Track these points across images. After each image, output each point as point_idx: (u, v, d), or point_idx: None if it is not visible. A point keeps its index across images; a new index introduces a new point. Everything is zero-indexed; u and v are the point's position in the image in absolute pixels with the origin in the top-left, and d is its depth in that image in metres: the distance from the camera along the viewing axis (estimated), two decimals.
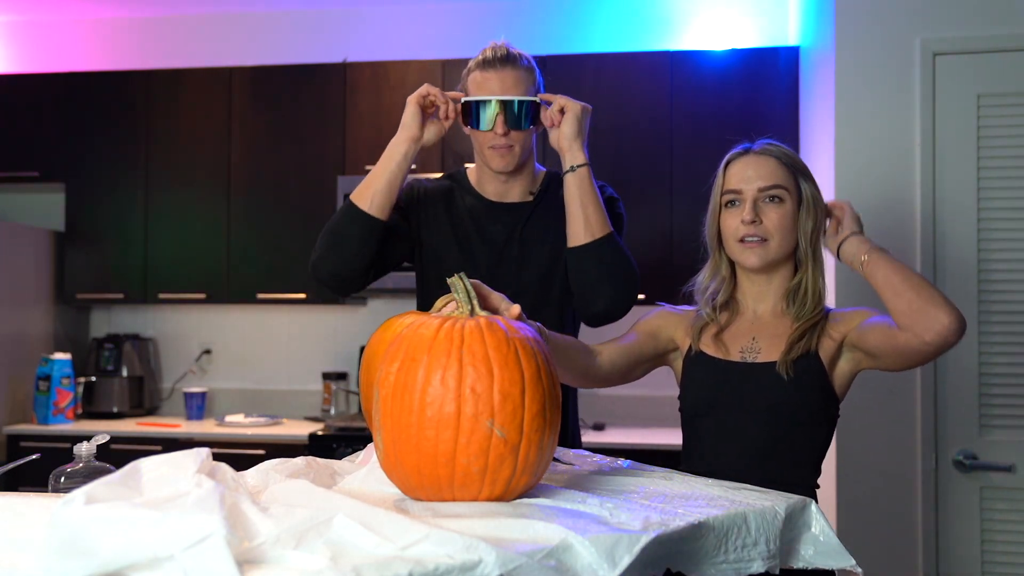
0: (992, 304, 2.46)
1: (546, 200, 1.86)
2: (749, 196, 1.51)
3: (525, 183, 1.86)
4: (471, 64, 1.80)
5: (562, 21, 3.98)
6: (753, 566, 1.09)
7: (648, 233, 3.54)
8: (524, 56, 1.79)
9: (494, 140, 1.75)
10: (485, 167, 1.83)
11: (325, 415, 3.90)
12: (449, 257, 1.83)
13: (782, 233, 1.51)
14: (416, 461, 1.01)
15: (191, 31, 4.23)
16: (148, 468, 0.93)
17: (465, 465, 1.00)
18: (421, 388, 1.00)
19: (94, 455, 1.31)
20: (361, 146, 3.76)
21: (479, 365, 1.00)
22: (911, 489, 2.49)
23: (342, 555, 0.80)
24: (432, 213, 1.86)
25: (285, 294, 3.79)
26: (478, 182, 1.88)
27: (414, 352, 1.02)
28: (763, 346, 1.53)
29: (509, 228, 1.83)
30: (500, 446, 1.00)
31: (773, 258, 1.52)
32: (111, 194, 3.92)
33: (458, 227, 1.84)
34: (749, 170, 1.52)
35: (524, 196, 1.86)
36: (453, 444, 0.99)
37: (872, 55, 2.56)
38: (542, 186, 1.88)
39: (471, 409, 0.99)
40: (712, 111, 3.52)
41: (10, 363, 3.73)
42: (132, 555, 0.75)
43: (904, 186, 2.53)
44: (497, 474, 1.01)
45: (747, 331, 1.56)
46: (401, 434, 1.01)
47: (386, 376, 1.04)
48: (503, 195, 1.86)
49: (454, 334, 1.03)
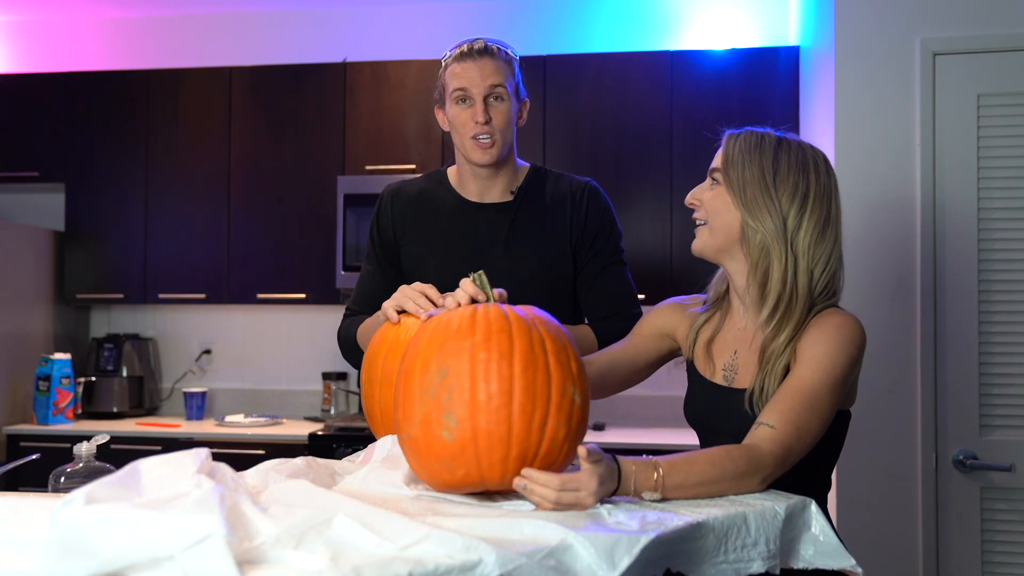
0: (992, 304, 2.46)
1: (528, 198, 1.83)
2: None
3: (506, 179, 1.82)
4: (448, 58, 1.77)
5: (562, 21, 3.98)
6: (753, 566, 1.09)
7: (648, 233, 3.54)
8: (502, 48, 1.76)
9: (475, 130, 1.72)
10: (466, 164, 1.80)
11: (325, 415, 3.90)
12: (431, 260, 1.80)
13: (712, 213, 1.43)
14: (506, 432, 1.05)
15: (191, 31, 4.23)
16: (148, 468, 0.93)
17: (553, 431, 1.07)
18: (521, 359, 1.07)
19: (94, 455, 1.31)
20: (361, 146, 3.76)
21: (553, 340, 1.11)
22: (911, 489, 2.49)
23: (342, 555, 0.80)
24: (411, 219, 1.84)
25: (285, 294, 3.79)
26: (459, 182, 1.85)
27: (493, 334, 1.08)
28: (741, 363, 1.45)
29: (491, 230, 1.80)
30: (578, 412, 1.10)
31: (713, 246, 1.44)
32: (111, 194, 3.92)
33: (438, 230, 1.82)
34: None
35: (505, 195, 1.82)
36: (545, 412, 1.06)
37: (872, 55, 2.56)
38: (524, 183, 1.84)
39: (559, 377, 1.08)
40: (712, 111, 3.52)
41: (10, 363, 3.73)
42: (132, 555, 0.75)
43: (904, 186, 2.52)
44: (575, 439, 1.10)
45: (732, 342, 1.48)
46: (486, 406, 1.05)
47: (456, 363, 1.07)
48: (484, 195, 1.82)
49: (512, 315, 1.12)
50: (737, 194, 1.40)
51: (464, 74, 1.72)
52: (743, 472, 1.22)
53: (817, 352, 1.35)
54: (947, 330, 2.48)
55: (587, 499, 1.07)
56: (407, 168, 3.68)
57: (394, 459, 1.22)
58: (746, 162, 1.41)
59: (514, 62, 1.78)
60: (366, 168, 3.73)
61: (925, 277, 2.49)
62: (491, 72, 1.71)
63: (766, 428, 1.28)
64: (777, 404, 1.31)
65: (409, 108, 3.72)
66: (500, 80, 1.72)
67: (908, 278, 2.51)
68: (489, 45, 1.74)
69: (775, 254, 1.38)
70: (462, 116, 1.74)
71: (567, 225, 1.81)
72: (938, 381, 2.48)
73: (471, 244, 1.80)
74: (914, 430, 2.49)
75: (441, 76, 1.78)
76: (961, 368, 2.46)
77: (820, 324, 1.38)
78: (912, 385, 2.50)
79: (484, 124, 1.71)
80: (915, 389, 2.50)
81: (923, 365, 2.48)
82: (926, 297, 2.48)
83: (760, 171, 1.40)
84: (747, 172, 1.40)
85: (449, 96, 1.75)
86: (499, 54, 1.74)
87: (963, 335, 2.47)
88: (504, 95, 1.73)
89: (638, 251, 3.54)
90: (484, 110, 1.71)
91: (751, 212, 1.39)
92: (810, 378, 1.33)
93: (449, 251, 1.80)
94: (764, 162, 1.41)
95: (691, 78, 3.56)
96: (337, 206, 3.66)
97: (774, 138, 1.45)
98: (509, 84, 1.74)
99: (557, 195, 1.83)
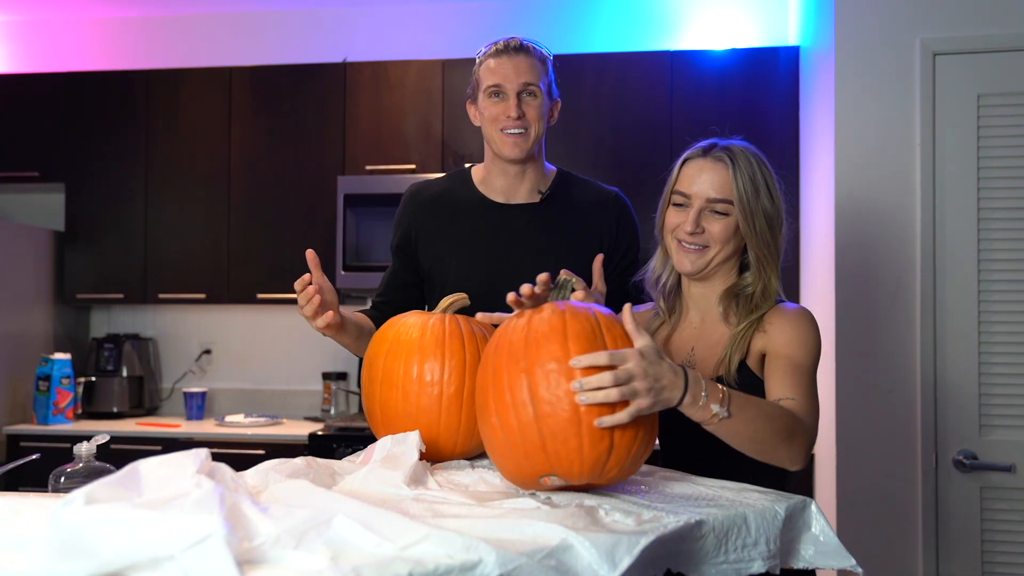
0: (992, 304, 2.46)
1: (556, 200, 1.82)
2: (695, 205, 1.47)
3: (534, 179, 1.82)
4: (483, 54, 1.79)
5: (562, 21, 3.98)
6: (753, 566, 1.09)
7: (647, 233, 3.53)
8: (537, 47, 1.78)
9: (507, 124, 1.73)
10: (496, 160, 1.80)
11: (325, 415, 3.90)
12: (452, 260, 1.80)
13: (722, 244, 1.48)
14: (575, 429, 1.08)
15: (191, 31, 4.23)
16: (148, 469, 0.93)
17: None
18: None
19: (94, 455, 1.31)
20: (361, 146, 3.76)
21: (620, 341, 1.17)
22: (911, 489, 2.49)
23: (342, 555, 0.80)
24: (430, 219, 1.84)
25: (285, 294, 3.78)
26: (484, 180, 1.84)
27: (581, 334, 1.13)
28: (699, 358, 1.49)
29: (516, 230, 1.80)
30: None
31: (710, 266, 1.49)
32: (111, 194, 3.92)
33: (460, 229, 1.82)
34: (703, 175, 1.47)
35: (532, 195, 1.82)
36: None
37: (872, 55, 2.56)
38: (552, 185, 1.84)
39: None
40: (712, 111, 3.52)
41: (10, 363, 3.73)
42: (132, 555, 0.75)
43: (904, 186, 2.53)
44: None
45: (688, 340, 1.53)
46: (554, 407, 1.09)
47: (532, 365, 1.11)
48: (511, 194, 1.82)
49: (582, 315, 1.16)
50: (749, 225, 1.46)
51: (499, 70, 1.74)
52: (791, 430, 1.28)
53: (787, 336, 1.43)
54: (947, 330, 2.48)
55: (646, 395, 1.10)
56: (407, 168, 3.68)
57: (394, 459, 1.22)
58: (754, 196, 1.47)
59: (548, 61, 1.80)
60: (366, 168, 3.73)
61: (925, 277, 2.49)
62: (526, 69, 1.73)
63: (790, 401, 1.35)
64: (782, 380, 1.38)
65: (409, 108, 3.72)
66: (534, 78, 1.74)
67: (908, 278, 2.51)
68: (524, 43, 1.76)
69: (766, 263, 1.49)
70: (495, 110, 1.75)
71: (598, 232, 1.81)
72: (938, 381, 2.48)
73: (495, 243, 1.79)
74: (914, 430, 2.49)
75: (476, 72, 1.80)
76: (961, 368, 2.46)
77: (780, 317, 1.46)
78: (912, 385, 2.50)
79: (516, 119, 1.72)
80: (915, 389, 2.50)
81: (923, 365, 2.48)
82: (926, 297, 2.48)
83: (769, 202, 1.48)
84: (758, 206, 1.47)
85: (483, 91, 1.77)
86: (534, 52, 1.76)
87: (963, 335, 2.47)
88: (537, 92, 1.74)
89: None
90: (517, 105, 1.72)
91: (758, 237, 1.47)
92: (800, 357, 1.40)
93: (471, 250, 1.80)
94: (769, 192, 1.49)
95: (691, 78, 3.56)
96: (337, 206, 3.66)
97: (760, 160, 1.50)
98: (543, 82, 1.76)
99: (587, 201, 1.84)
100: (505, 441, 1.13)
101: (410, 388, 1.36)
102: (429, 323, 1.40)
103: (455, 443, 1.38)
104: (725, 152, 1.48)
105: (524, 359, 1.12)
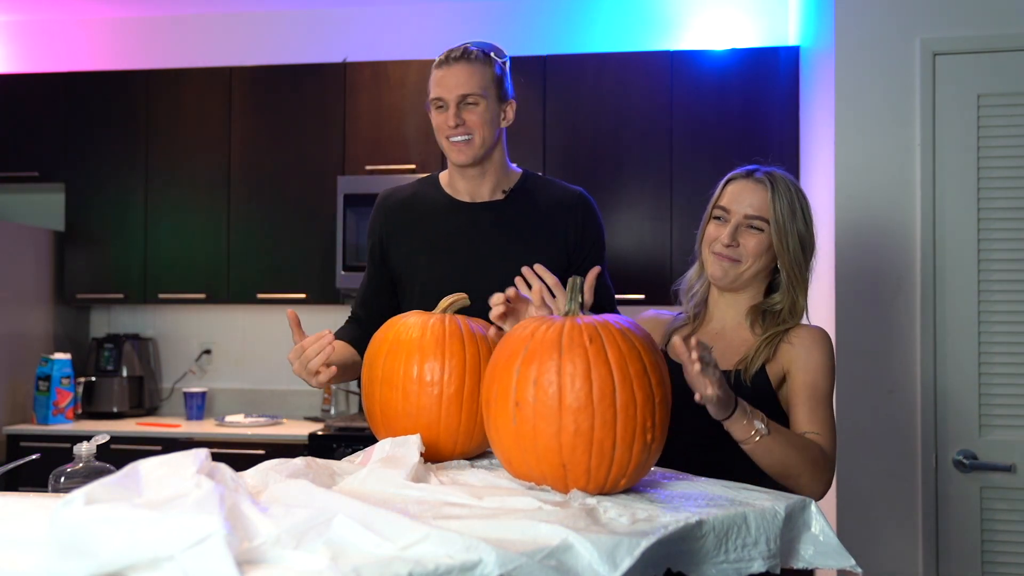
0: (992, 304, 2.46)
1: (520, 199, 1.87)
2: (734, 219, 1.58)
3: (495, 180, 1.86)
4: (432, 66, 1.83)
5: (562, 21, 3.98)
6: (753, 566, 1.09)
7: (647, 233, 3.54)
8: (483, 51, 1.79)
9: (449, 133, 1.78)
10: (453, 165, 1.86)
11: (325, 415, 3.90)
12: (421, 259, 1.85)
13: (755, 259, 1.58)
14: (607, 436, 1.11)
15: (191, 31, 4.23)
16: (147, 469, 0.93)
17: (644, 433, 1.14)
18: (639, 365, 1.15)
19: (94, 455, 1.31)
20: (361, 146, 3.76)
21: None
22: (911, 489, 2.49)
23: (342, 555, 0.80)
24: (399, 221, 1.89)
25: (285, 294, 3.79)
26: (449, 183, 1.90)
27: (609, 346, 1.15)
28: (717, 355, 1.53)
29: (482, 227, 1.84)
30: None
31: (740, 279, 1.59)
32: (111, 194, 3.92)
33: (428, 230, 1.86)
34: (744, 193, 1.59)
35: (495, 194, 1.87)
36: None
37: (872, 55, 2.56)
38: (517, 185, 1.89)
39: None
40: (712, 111, 3.52)
41: (10, 363, 3.73)
42: (132, 555, 0.75)
43: (904, 186, 2.52)
44: None
45: (708, 340, 1.60)
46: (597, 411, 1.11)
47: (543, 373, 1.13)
48: (474, 194, 1.87)
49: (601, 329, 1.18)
50: (783, 243, 1.57)
51: (441, 81, 1.78)
52: (816, 462, 1.40)
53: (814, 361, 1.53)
54: (947, 330, 2.48)
55: None
56: (407, 168, 3.68)
57: (394, 459, 1.22)
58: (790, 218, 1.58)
59: (496, 64, 1.81)
60: (366, 168, 3.73)
61: (925, 277, 2.49)
62: (465, 79, 1.76)
63: (815, 436, 1.46)
64: (808, 414, 1.49)
65: (409, 108, 3.72)
66: (473, 86, 1.76)
67: (908, 278, 2.51)
68: (469, 50, 1.78)
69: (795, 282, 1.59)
70: (438, 120, 1.81)
71: (563, 229, 1.85)
72: (938, 381, 2.48)
73: (461, 241, 1.84)
74: (914, 430, 2.49)
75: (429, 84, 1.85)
76: (961, 368, 2.46)
77: (807, 335, 1.56)
78: (912, 385, 2.50)
79: (455, 128, 1.76)
80: (915, 389, 2.50)
81: (923, 365, 2.48)
82: (926, 297, 2.48)
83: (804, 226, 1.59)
84: (793, 228, 1.58)
85: (431, 102, 1.82)
86: (476, 58, 1.77)
87: (963, 335, 2.47)
88: (478, 99, 1.77)
89: (638, 251, 3.54)
90: (456, 114, 1.76)
91: (790, 256, 1.58)
92: (823, 386, 1.51)
93: (439, 249, 1.84)
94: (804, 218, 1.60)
95: (691, 78, 3.56)
96: (337, 206, 3.66)
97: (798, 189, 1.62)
98: (485, 88, 1.77)
99: (551, 199, 1.87)
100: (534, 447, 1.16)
101: (410, 388, 1.36)
102: (429, 323, 1.40)
103: (455, 443, 1.38)
104: (767, 176, 1.60)
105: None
